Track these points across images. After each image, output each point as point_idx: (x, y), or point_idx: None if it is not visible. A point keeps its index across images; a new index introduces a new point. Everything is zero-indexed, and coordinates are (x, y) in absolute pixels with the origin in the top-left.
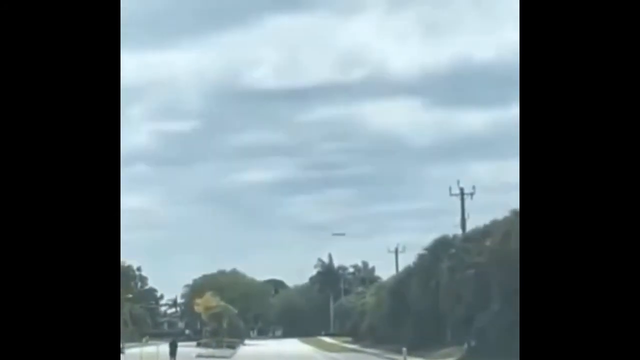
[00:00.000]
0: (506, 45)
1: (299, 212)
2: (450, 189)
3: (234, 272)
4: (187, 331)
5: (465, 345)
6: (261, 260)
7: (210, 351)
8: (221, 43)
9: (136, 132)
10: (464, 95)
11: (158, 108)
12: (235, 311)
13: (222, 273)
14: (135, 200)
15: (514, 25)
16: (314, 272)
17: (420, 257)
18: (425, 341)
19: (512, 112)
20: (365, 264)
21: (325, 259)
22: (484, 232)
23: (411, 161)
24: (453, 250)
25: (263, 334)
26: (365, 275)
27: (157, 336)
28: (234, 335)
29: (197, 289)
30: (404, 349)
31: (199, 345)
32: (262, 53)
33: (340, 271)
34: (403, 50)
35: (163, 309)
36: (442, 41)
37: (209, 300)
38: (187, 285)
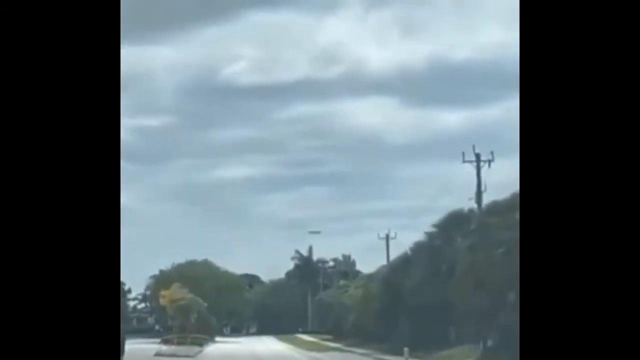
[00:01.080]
0: (484, 45)
1: (275, 210)
2: (463, 154)
3: (206, 263)
4: (157, 327)
5: (481, 345)
6: (236, 256)
7: (173, 349)
8: (199, 38)
9: None
10: (441, 94)
11: (134, 103)
12: (205, 304)
13: (192, 263)
14: None
15: (491, 24)
16: (291, 265)
17: (429, 236)
18: (425, 340)
19: (489, 112)
20: (346, 257)
21: (304, 252)
22: (509, 205)
23: (388, 159)
24: (472, 226)
25: (237, 331)
26: (347, 269)
27: (125, 333)
28: (204, 331)
29: (164, 280)
30: (406, 349)
31: (163, 342)
32: (240, 49)
33: (320, 264)
34: (381, 48)
35: (132, 303)
36: (420, 39)
37: (176, 292)
38: (152, 276)
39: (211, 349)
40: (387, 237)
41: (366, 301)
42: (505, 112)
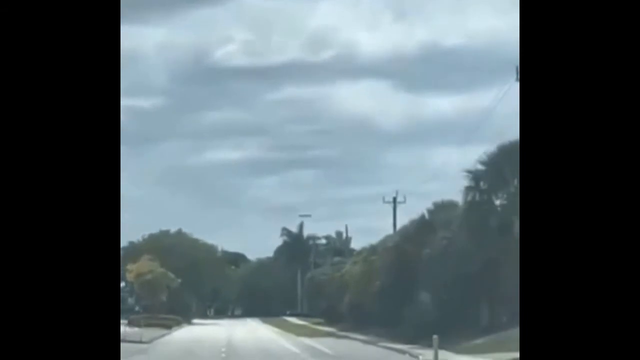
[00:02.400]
0: (477, 30)
1: (264, 193)
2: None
3: (180, 234)
4: (137, 307)
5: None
6: (221, 234)
7: (128, 331)
8: (190, 19)
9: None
10: (433, 79)
11: (124, 84)
12: (179, 280)
13: (165, 234)
14: None
15: (485, 9)
16: (279, 242)
17: (473, 179)
18: (446, 325)
19: (479, 98)
20: (339, 234)
21: (294, 229)
22: None
23: (379, 143)
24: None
25: (221, 313)
26: (342, 247)
27: None
28: (179, 312)
29: (134, 253)
30: (435, 338)
31: (129, 324)
32: (232, 31)
33: (311, 241)
34: (373, 32)
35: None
36: (412, 24)
37: (144, 266)
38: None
39: (180, 332)
40: (395, 201)
41: (367, 277)
42: (497, 97)
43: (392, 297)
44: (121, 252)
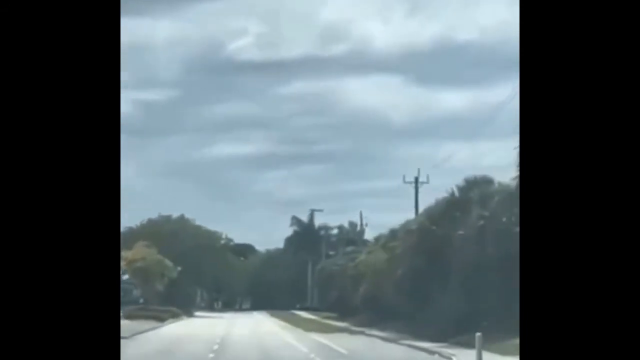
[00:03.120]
0: (489, 25)
1: (273, 187)
2: None
3: (182, 219)
4: (141, 300)
5: None
6: (229, 227)
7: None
8: (201, 12)
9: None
10: (445, 74)
11: (133, 76)
12: (178, 269)
13: (166, 219)
14: None
15: (497, 3)
16: (289, 232)
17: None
18: (481, 320)
19: (492, 93)
20: (353, 224)
21: (304, 218)
22: None
23: (389, 138)
24: None
25: (229, 306)
26: (355, 237)
27: None
28: (179, 304)
29: (132, 239)
30: (479, 336)
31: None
32: (243, 24)
33: (322, 232)
34: (385, 27)
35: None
36: (424, 19)
37: (139, 253)
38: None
39: (172, 327)
40: (416, 181)
41: (386, 266)
42: (509, 92)
43: (416, 287)
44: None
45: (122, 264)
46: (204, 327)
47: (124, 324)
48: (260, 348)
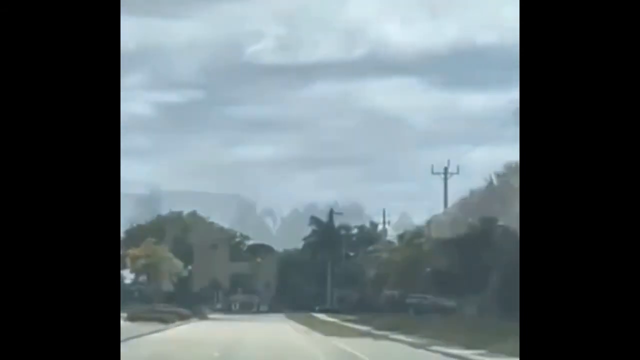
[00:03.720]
0: (508, 28)
1: (294, 190)
2: None
3: (194, 215)
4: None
5: None
6: (246, 228)
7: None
8: (224, 14)
9: (132, 100)
10: (465, 76)
11: (156, 77)
12: (189, 267)
13: (176, 215)
14: (129, 172)
15: (516, 8)
16: (308, 232)
17: None
18: None
19: (512, 95)
20: (373, 224)
21: (323, 218)
22: None
23: (410, 141)
24: None
25: (247, 308)
26: (376, 237)
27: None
28: (190, 304)
29: (140, 236)
30: None
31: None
32: (265, 26)
33: (342, 231)
34: (406, 29)
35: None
36: (444, 21)
37: (147, 251)
38: (125, 232)
39: (175, 331)
40: (446, 172)
41: (413, 264)
42: None
43: (448, 286)
44: (124, 235)
45: (129, 262)
46: (211, 332)
47: (123, 326)
48: (268, 358)
